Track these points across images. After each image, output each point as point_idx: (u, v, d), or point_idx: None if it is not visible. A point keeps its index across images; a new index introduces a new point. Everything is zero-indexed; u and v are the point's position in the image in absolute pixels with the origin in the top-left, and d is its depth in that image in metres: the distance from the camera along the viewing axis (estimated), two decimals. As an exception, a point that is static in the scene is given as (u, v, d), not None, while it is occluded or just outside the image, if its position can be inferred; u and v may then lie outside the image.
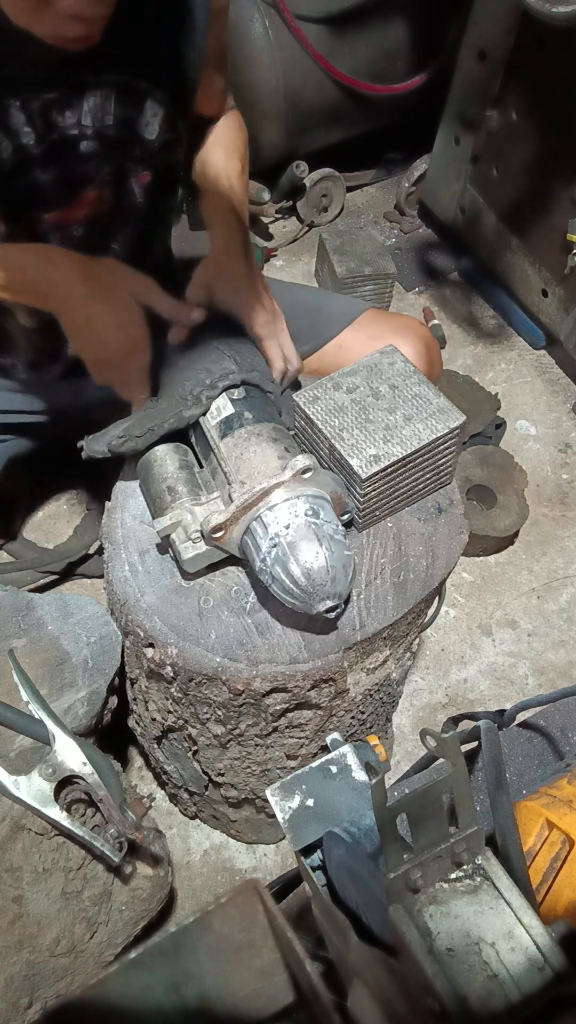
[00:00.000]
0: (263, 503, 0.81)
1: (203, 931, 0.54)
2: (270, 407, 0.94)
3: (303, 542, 0.78)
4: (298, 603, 0.80)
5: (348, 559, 0.80)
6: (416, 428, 0.88)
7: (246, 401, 0.91)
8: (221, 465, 0.88)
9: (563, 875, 0.72)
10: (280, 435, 0.89)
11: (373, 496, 0.89)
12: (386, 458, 0.86)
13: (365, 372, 0.94)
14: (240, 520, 0.82)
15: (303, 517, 0.79)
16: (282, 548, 0.78)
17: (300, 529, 0.79)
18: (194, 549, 0.85)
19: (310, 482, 0.81)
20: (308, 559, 0.77)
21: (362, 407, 0.90)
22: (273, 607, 0.87)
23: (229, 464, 0.86)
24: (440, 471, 0.94)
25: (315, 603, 0.79)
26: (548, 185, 1.79)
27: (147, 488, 0.91)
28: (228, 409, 0.91)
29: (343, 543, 0.80)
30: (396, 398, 0.91)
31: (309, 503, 0.80)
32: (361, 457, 0.86)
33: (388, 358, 0.95)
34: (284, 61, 1.96)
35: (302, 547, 0.78)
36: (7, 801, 0.85)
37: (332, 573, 0.78)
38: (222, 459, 0.88)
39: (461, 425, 0.89)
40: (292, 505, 0.80)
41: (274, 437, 0.88)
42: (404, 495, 0.93)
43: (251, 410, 0.90)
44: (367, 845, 0.61)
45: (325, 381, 0.93)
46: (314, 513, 0.80)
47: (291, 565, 0.78)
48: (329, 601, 0.79)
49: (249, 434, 0.88)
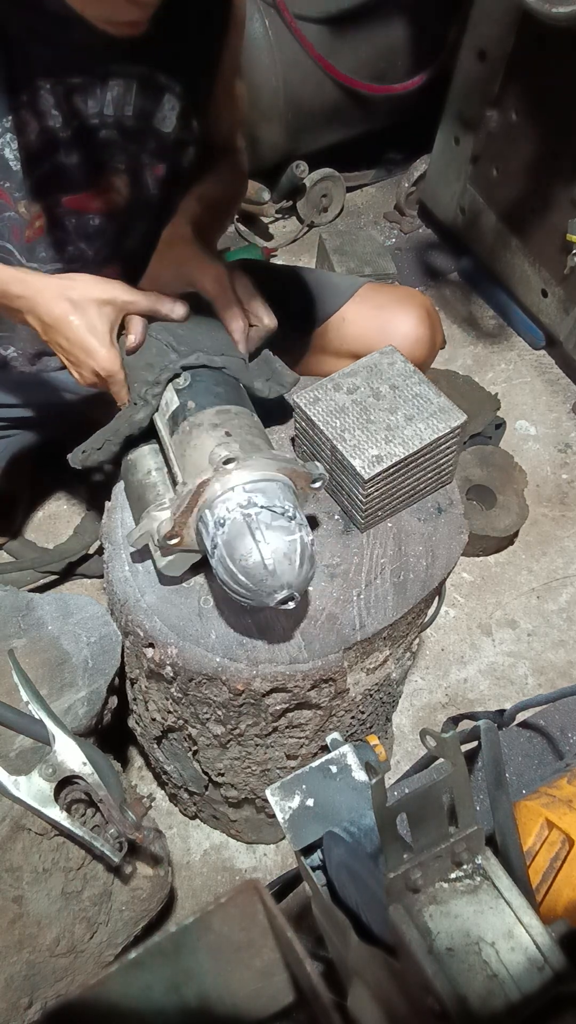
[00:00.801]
0: (202, 502, 0.77)
1: (203, 931, 0.54)
2: (221, 385, 0.88)
3: (237, 539, 0.74)
4: (251, 601, 0.77)
5: (293, 544, 0.75)
6: (418, 428, 0.88)
7: (190, 389, 0.87)
8: (170, 465, 0.85)
9: (563, 875, 0.72)
10: (223, 418, 0.84)
11: (376, 496, 0.89)
12: (388, 458, 0.86)
13: (365, 373, 0.94)
14: (189, 523, 0.79)
15: (238, 511, 0.75)
16: (220, 548, 0.75)
17: (234, 525, 0.75)
18: (167, 556, 0.83)
19: (251, 466, 0.76)
20: (243, 556, 0.74)
21: (363, 408, 0.90)
22: (227, 613, 0.86)
23: (177, 462, 0.84)
24: (441, 470, 0.94)
25: (264, 598, 0.75)
26: (548, 185, 1.79)
27: (127, 495, 0.91)
28: (174, 402, 0.87)
29: (286, 527, 0.75)
30: (397, 398, 0.91)
31: (246, 493, 0.76)
32: (363, 458, 0.86)
33: (388, 358, 0.95)
34: (284, 61, 1.96)
35: (236, 545, 0.74)
36: (7, 801, 0.85)
37: (272, 566, 0.74)
38: (170, 458, 0.85)
39: (462, 424, 0.89)
40: (226, 500, 0.76)
41: (214, 423, 0.83)
42: (406, 495, 0.93)
43: (195, 397, 0.86)
44: (367, 845, 0.61)
45: (326, 382, 0.93)
46: (249, 503, 0.75)
47: (230, 564, 0.75)
48: (278, 594, 0.75)
49: (191, 426, 0.84)
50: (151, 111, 0.98)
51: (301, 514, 0.77)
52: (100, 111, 0.95)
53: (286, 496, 0.77)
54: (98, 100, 0.94)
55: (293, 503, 0.77)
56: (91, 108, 0.94)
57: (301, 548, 0.76)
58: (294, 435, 0.98)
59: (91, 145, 0.97)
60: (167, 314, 0.91)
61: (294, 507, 0.77)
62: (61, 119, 0.93)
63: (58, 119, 0.93)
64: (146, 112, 0.98)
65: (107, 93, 0.94)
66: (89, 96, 0.93)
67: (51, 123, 0.93)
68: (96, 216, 1.04)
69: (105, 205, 1.03)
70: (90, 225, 1.05)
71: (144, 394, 0.88)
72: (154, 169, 1.03)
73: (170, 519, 0.79)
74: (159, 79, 0.96)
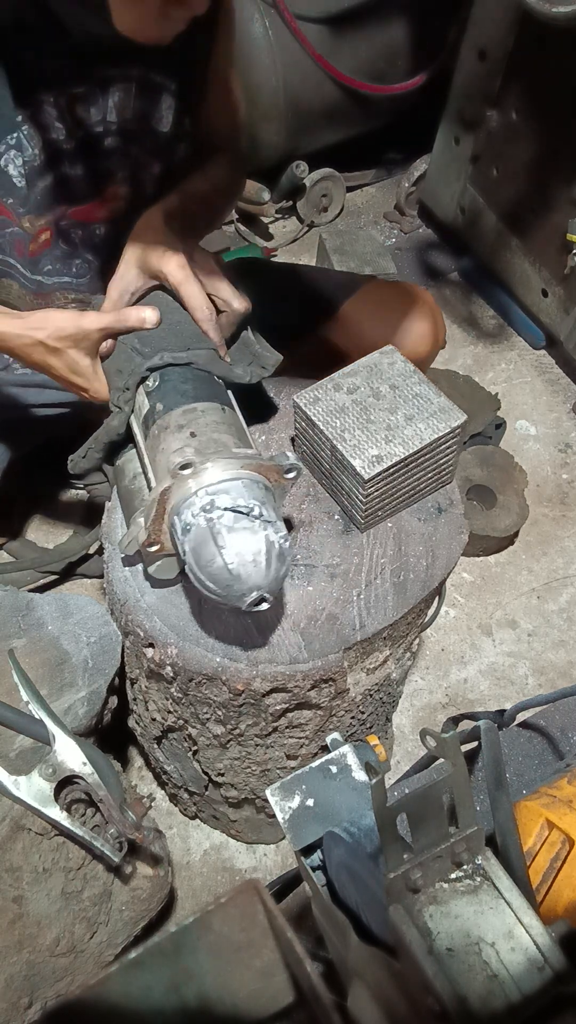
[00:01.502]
0: (170, 508, 0.76)
1: (203, 931, 0.54)
2: (189, 382, 0.86)
3: (201, 546, 0.73)
4: (225, 604, 0.76)
5: (258, 545, 0.73)
6: (418, 428, 0.88)
7: (158, 390, 0.85)
8: (145, 470, 0.84)
9: (563, 875, 0.72)
10: (189, 418, 0.81)
11: (376, 496, 0.89)
12: (389, 458, 0.86)
13: (365, 372, 0.93)
14: (164, 528, 0.78)
15: (201, 515, 0.73)
16: (188, 555, 0.74)
17: (198, 531, 0.73)
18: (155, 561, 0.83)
19: (209, 469, 0.74)
20: (207, 562, 0.73)
21: (363, 407, 0.90)
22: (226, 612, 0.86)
23: (151, 467, 0.82)
24: (442, 470, 0.94)
25: (235, 602, 0.74)
26: (548, 185, 1.79)
27: (119, 500, 0.91)
28: (145, 405, 0.86)
29: (250, 528, 0.73)
30: (397, 398, 0.91)
31: (208, 496, 0.74)
32: (363, 458, 0.86)
33: (388, 358, 0.95)
34: (284, 61, 1.96)
35: (201, 551, 0.73)
36: (7, 801, 0.85)
37: (236, 571, 0.72)
38: (145, 463, 0.84)
39: (462, 424, 0.89)
40: (190, 505, 0.74)
41: (180, 424, 0.81)
42: (406, 495, 0.93)
43: (162, 399, 0.84)
44: (367, 845, 0.61)
45: (325, 382, 0.93)
46: (212, 507, 0.73)
47: (197, 571, 0.74)
48: (248, 597, 0.73)
49: (159, 429, 0.82)
50: (149, 112, 0.98)
51: (271, 510, 0.75)
52: (103, 118, 0.94)
53: (252, 494, 0.75)
54: (100, 107, 0.93)
55: (261, 499, 0.75)
56: (94, 116, 0.93)
57: (267, 548, 0.73)
58: (294, 435, 0.98)
59: (96, 154, 0.96)
60: (139, 326, 0.88)
61: (262, 504, 0.74)
62: (65, 131, 0.93)
63: (61, 131, 0.93)
64: (145, 113, 0.97)
65: (109, 99, 0.93)
66: (92, 104, 0.93)
67: (55, 135, 0.92)
68: (101, 225, 1.04)
69: (110, 212, 1.03)
70: (96, 235, 1.04)
71: (117, 401, 0.87)
72: (151, 168, 1.03)
73: (144, 529, 0.78)
74: (155, 79, 0.95)
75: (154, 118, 0.98)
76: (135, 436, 0.87)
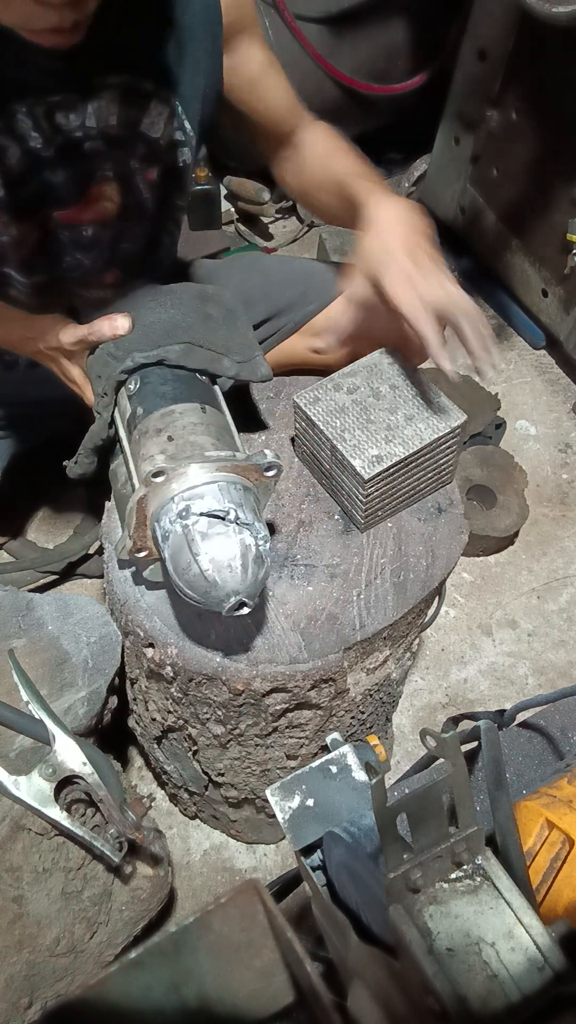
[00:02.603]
0: (151, 515, 0.76)
1: (203, 931, 0.54)
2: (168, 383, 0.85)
3: (177, 553, 0.73)
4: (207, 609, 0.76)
5: (233, 550, 0.72)
6: (418, 428, 0.88)
7: (138, 394, 0.84)
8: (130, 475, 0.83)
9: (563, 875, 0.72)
10: (166, 421, 0.81)
11: (376, 496, 0.89)
12: (389, 458, 0.86)
13: (365, 372, 0.93)
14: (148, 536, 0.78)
15: (178, 522, 0.73)
16: (168, 563, 0.74)
17: (175, 538, 0.73)
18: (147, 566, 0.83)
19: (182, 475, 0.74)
20: (183, 569, 0.73)
21: (363, 407, 0.90)
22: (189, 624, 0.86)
23: (135, 472, 0.81)
24: (441, 470, 0.94)
25: (214, 607, 0.74)
26: (548, 185, 1.79)
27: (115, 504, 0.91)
28: (128, 409, 0.85)
29: (225, 533, 0.72)
30: (397, 398, 0.91)
31: (184, 502, 0.73)
32: (364, 458, 0.86)
33: (388, 358, 0.95)
34: (284, 61, 1.92)
35: (177, 559, 0.73)
36: (7, 801, 0.85)
37: (212, 577, 0.71)
38: (130, 469, 0.83)
39: (463, 424, 0.89)
40: (167, 512, 0.74)
41: (158, 428, 0.80)
42: (406, 495, 0.93)
43: (142, 402, 0.83)
44: (367, 845, 0.61)
45: (326, 382, 0.93)
46: (187, 512, 0.73)
47: (176, 578, 0.74)
48: (226, 603, 0.73)
49: (140, 433, 0.82)
50: (137, 119, 0.97)
51: (249, 512, 0.74)
52: (83, 123, 0.93)
53: (229, 497, 0.74)
54: (80, 114, 0.92)
55: (239, 501, 0.74)
56: (73, 123, 0.92)
57: (243, 552, 0.72)
58: (294, 435, 0.98)
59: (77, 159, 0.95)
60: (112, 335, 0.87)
61: (238, 507, 0.73)
62: (42, 140, 0.91)
63: (38, 140, 0.91)
64: (132, 120, 0.96)
65: (88, 106, 0.92)
66: (71, 111, 0.91)
67: (32, 144, 0.91)
68: (89, 227, 1.03)
69: (97, 215, 1.03)
70: (84, 236, 1.04)
71: (97, 407, 0.87)
72: (146, 174, 1.03)
73: (127, 536, 0.78)
74: (144, 86, 0.94)
75: (143, 124, 0.98)
76: (121, 441, 0.87)
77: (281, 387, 1.10)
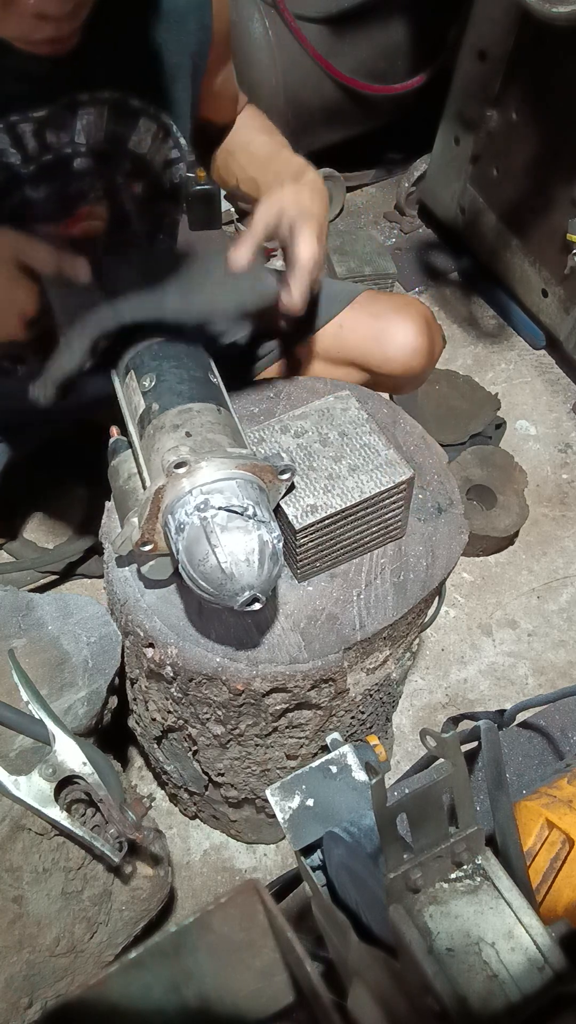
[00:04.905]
0: (164, 507, 0.76)
1: (203, 931, 0.54)
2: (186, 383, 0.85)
3: (194, 544, 0.73)
4: (218, 604, 0.76)
5: (251, 545, 0.72)
6: (360, 480, 0.84)
7: (154, 390, 0.85)
8: (140, 470, 0.83)
9: (563, 875, 0.72)
10: (184, 418, 0.81)
11: (310, 547, 0.85)
12: (323, 509, 0.82)
13: (316, 416, 0.90)
14: (158, 528, 0.78)
15: (195, 514, 0.73)
16: (181, 554, 0.74)
17: (192, 529, 0.73)
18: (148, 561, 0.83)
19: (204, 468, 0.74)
20: (200, 561, 0.73)
21: (307, 453, 0.87)
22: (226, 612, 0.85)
23: (145, 467, 0.82)
24: (388, 525, 0.90)
25: (227, 601, 0.74)
26: (548, 185, 1.79)
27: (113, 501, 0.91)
28: (141, 405, 0.85)
29: (244, 527, 0.73)
30: (344, 446, 0.87)
31: (203, 495, 0.74)
32: (298, 507, 0.82)
33: (342, 403, 0.91)
34: (284, 61, 1.96)
35: (194, 550, 0.73)
36: (7, 801, 0.85)
37: (229, 570, 0.72)
38: (140, 463, 0.83)
39: (408, 480, 0.85)
40: (184, 504, 0.74)
41: (175, 424, 0.80)
42: (348, 548, 0.89)
43: (158, 399, 0.83)
44: (367, 845, 0.61)
45: (274, 423, 0.90)
46: (205, 505, 0.73)
47: (190, 570, 0.74)
48: (240, 596, 0.73)
49: (154, 429, 0.81)
50: (125, 135, 0.96)
51: (264, 510, 0.75)
52: (72, 140, 0.92)
53: (247, 494, 0.74)
54: (68, 131, 0.92)
55: (256, 499, 0.75)
56: (62, 139, 0.92)
57: (260, 548, 0.73)
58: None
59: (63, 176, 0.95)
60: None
61: (255, 504, 0.74)
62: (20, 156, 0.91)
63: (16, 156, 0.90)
64: (119, 136, 0.96)
65: (77, 122, 0.91)
66: (59, 127, 0.91)
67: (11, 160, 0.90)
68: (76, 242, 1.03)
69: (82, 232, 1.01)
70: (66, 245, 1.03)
71: (70, 339, 0.84)
72: (131, 188, 1.02)
73: (138, 528, 0.78)
74: (132, 104, 0.94)
75: (131, 141, 0.97)
76: (130, 436, 0.87)
77: (281, 387, 1.10)
